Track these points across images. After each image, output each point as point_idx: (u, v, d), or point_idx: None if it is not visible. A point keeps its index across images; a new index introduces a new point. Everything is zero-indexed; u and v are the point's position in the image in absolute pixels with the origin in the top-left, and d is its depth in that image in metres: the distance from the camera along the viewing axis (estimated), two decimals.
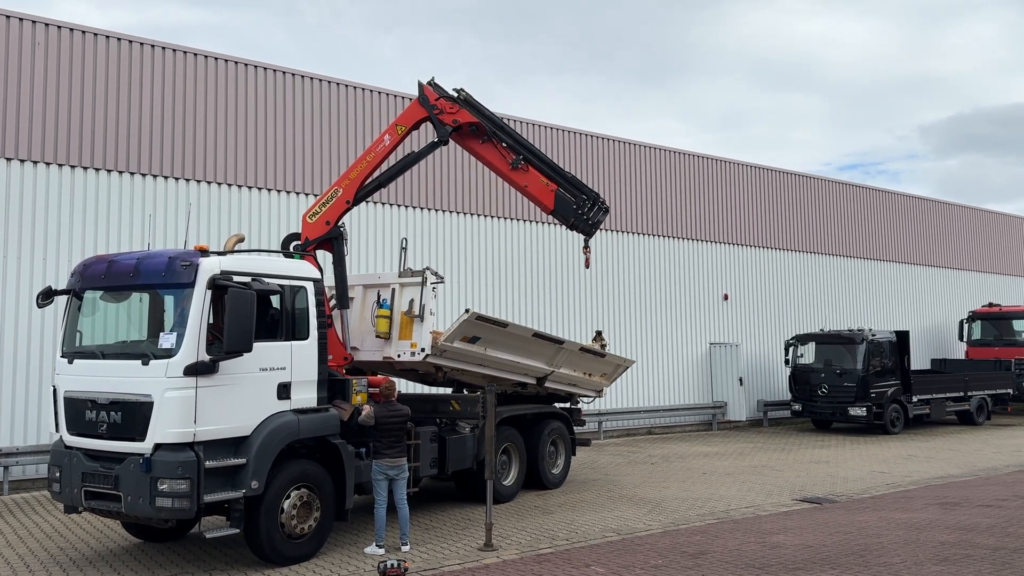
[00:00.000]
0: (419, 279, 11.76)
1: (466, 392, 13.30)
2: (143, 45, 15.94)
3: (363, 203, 13.69)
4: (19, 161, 14.55)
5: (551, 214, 13.34)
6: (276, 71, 17.45)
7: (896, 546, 9.89)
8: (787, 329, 26.15)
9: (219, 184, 16.50)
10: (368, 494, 10.20)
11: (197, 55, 16.51)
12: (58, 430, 9.33)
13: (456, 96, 12.77)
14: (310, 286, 9.84)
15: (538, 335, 13.57)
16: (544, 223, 20.65)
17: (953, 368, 27.64)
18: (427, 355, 11.57)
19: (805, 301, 27.46)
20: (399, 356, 11.71)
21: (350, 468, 9.85)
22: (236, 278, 8.83)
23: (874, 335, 23.23)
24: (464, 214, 19.84)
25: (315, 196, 16.61)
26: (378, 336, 11.76)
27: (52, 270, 14.49)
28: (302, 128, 17.63)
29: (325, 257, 11.86)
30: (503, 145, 12.88)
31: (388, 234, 18.45)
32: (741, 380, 23.89)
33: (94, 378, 8.96)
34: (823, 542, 10.14)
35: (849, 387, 22.64)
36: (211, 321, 8.81)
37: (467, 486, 12.83)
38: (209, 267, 8.78)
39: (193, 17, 77.74)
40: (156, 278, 9.02)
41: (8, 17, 14.60)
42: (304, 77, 17.80)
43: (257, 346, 8.80)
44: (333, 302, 11.63)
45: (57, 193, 14.81)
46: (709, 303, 24.77)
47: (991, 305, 30.44)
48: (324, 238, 11.78)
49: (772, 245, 26.71)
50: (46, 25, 14.91)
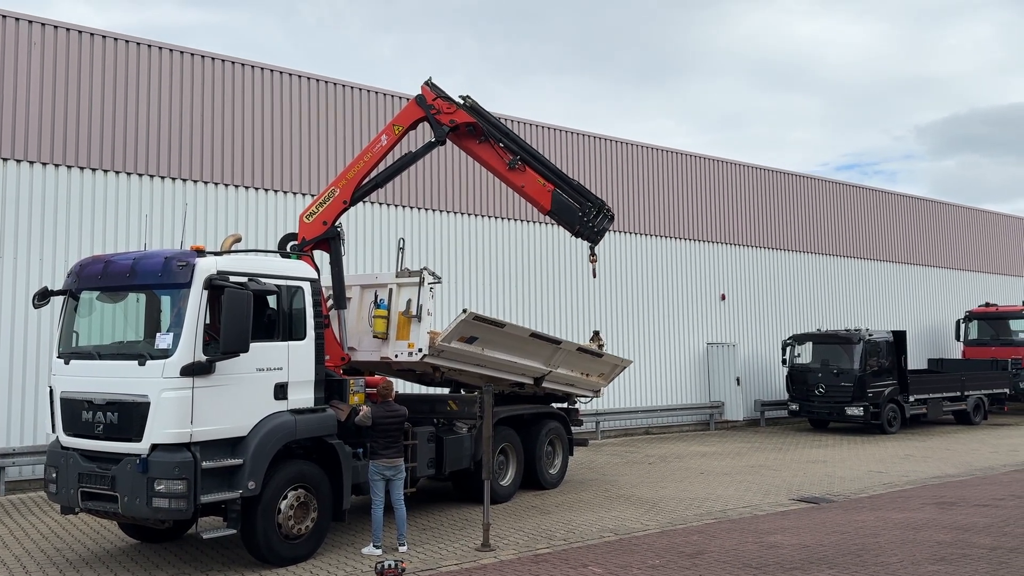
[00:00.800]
0: (416, 279, 11.75)
1: (463, 392, 13.28)
2: (140, 45, 15.92)
3: (360, 203, 13.67)
4: (15, 161, 14.52)
5: (549, 215, 13.33)
6: (273, 71, 17.43)
7: (893, 546, 9.89)
8: (784, 329, 26.17)
9: (216, 184, 16.48)
10: (365, 494, 10.18)
11: (194, 55, 16.49)
12: (54, 431, 9.31)
13: (462, 103, 12.79)
14: (307, 286, 9.82)
15: (535, 335, 13.57)
16: (542, 223, 20.64)
17: (950, 368, 27.68)
18: (424, 355, 11.56)
19: (802, 301, 27.49)
20: (396, 356, 11.70)
21: (347, 468, 9.84)
22: (233, 278, 8.81)
23: (871, 335, 23.26)
24: (462, 214, 19.83)
25: (312, 196, 16.59)
26: (375, 336, 11.75)
27: (48, 270, 14.46)
28: (299, 128, 17.61)
29: (322, 257, 11.84)
30: (500, 145, 12.87)
31: (385, 234, 18.43)
32: (738, 380, 23.91)
33: (90, 379, 8.95)
34: (820, 542, 10.15)
35: (846, 387, 22.67)
36: (208, 321, 8.80)
37: (464, 486, 12.82)
38: (206, 267, 8.77)
39: (191, 18, 77.70)
40: (152, 278, 9.01)
41: (4, 17, 14.56)
42: (301, 77, 17.78)
43: (254, 346, 8.79)
44: (330, 302, 11.63)
45: (54, 193, 14.79)
46: (706, 303, 24.79)
47: (988, 305, 30.49)
48: (321, 238, 11.77)
49: (769, 245, 26.73)
50: (42, 25, 14.88)
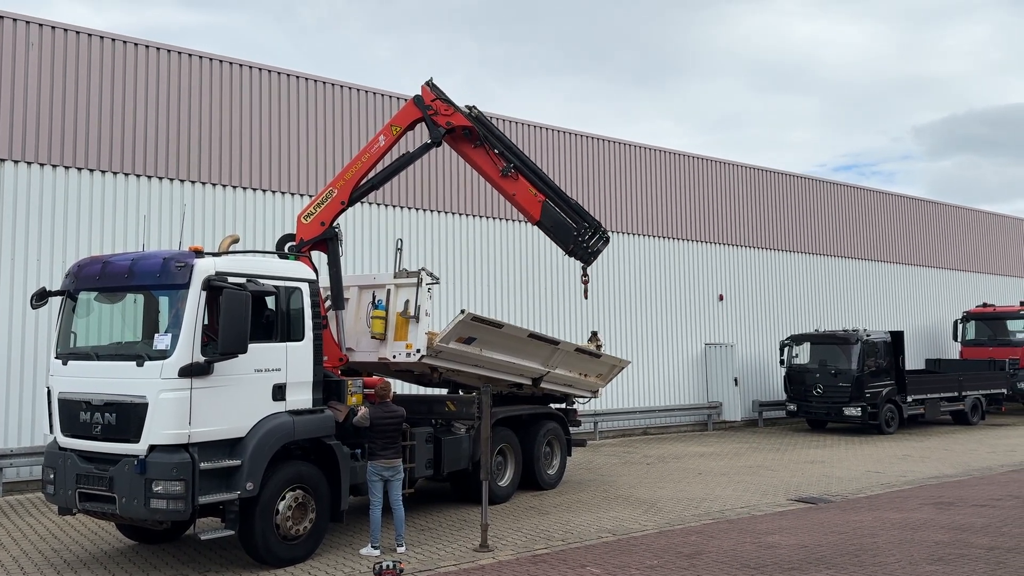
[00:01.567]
0: (414, 280, 11.75)
1: (462, 393, 13.29)
2: (137, 46, 15.91)
3: (358, 204, 13.68)
4: (13, 162, 14.50)
5: (539, 226, 13.28)
6: (271, 71, 17.43)
7: (891, 546, 9.90)
8: (782, 329, 26.19)
9: (214, 185, 16.47)
10: (363, 495, 10.18)
11: (192, 56, 16.49)
12: (52, 432, 9.30)
13: (468, 112, 12.81)
14: (305, 287, 9.82)
15: (534, 336, 13.57)
16: None
17: (948, 368, 27.72)
18: (422, 356, 11.56)
19: (800, 301, 27.51)
20: (394, 357, 11.69)
21: (345, 469, 9.83)
22: (231, 279, 8.81)
23: (869, 335, 23.28)
24: (460, 215, 19.84)
25: (310, 197, 16.59)
26: (373, 337, 11.75)
27: (46, 271, 14.45)
28: (297, 129, 17.61)
29: (320, 258, 11.84)
30: (495, 152, 12.89)
31: (383, 235, 18.43)
32: (736, 380, 23.92)
33: (88, 379, 8.94)
34: (818, 542, 10.15)
35: (844, 387, 22.69)
36: (206, 322, 8.79)
37: (463, 487, 12.81)
38: (204, 268, 8.77)
39: (190, 19, 77.69)
40: (151, 279, 9.00)
41: (2, 18, 14.55)
42: (299, 78, 17.78)
43: (252, 347, 8.78)
44: (328, 303, 11.62)
45: (51, 194, 14.77)
46: (704, 303, 24.80)
47: (985, 305, 30.54)
48: (319, 239, 11.76)
49: (767, 246, 26.75)
50: (40, 26, 14.87)
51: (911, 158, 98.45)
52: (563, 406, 15.01)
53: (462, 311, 12.31)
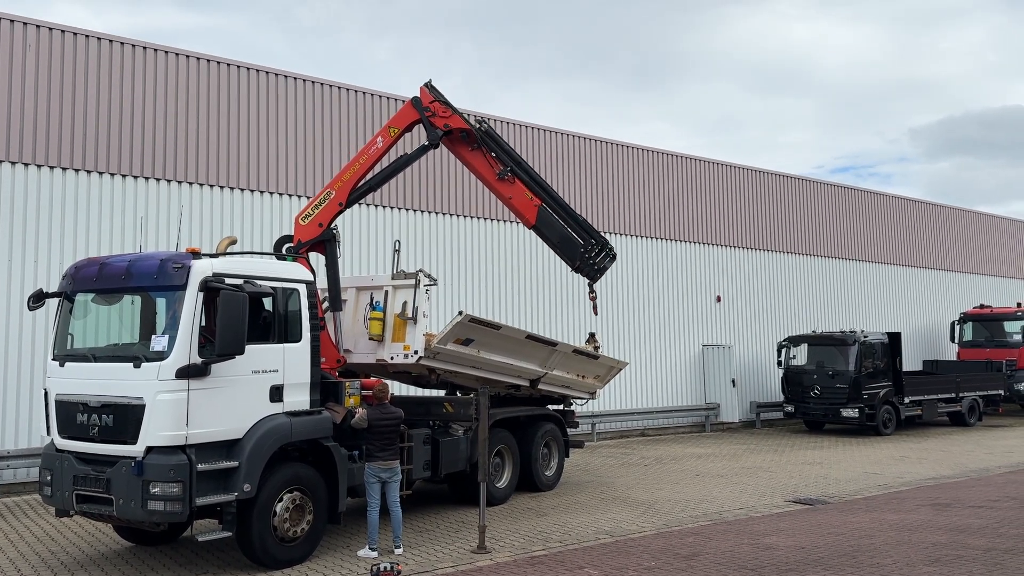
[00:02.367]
0: (412, 281, 11.74)
1: (459, 394, 13.27)
2: (135, 47, 15.90)
3: (356, 205, 13.67)
4: (10, 163, 14.48)
5: (534, 230, 13.26)
6: (268, 73, 17.42)
7: (888, 547, 9.91)
8: (779, 331, 26.20)
9: (211, 186, 16.46)
10: (361, 497, 10.18)
11: (188, 57, 16.48)
12: (49, 433, 9.29)
13: (479, 127, 12.86)
14: (303, 288, 9.82)
15: (531, 337, 13.57)
16: None
17: (945, 369, 27.75)
18: (420, 357, 11.55)
19: (797, 303, 27.53)
20: (392, 358, 11.69)
21: (343, 471, 9.83)
22: (228, 280, 8.80)
23: (866, 336, 23.30)
24: (457, 216, 19.84)
25: (308, 198, 16.59)
26: (371, 338, 11.74)
27: (43, 272, 14.43)
28: (294, 130, 17.61)
29: (318, 259, 11.83)
30: (492, 155, 12.90)
31: (381, 236, 18.43)
32: (734, 382, 23.93)
33: (85, 381, 8.93)
34: (816, 543, 10.16)
35: (841, 388, 22.70)
36: (203, 323, 8.79)
37: (460, 488, 12.81)
38: (201, 269, 8.76)
39: (189, 21, 77.69)
40: (148, 280, 8.99)
41: None
42: (296, 79, 17.78)
43: (249, 348, 8.78)
44: (326, 304, 11.61)
45: (48, 195, 14.75)
46: (702, 305, 24.81)
47: (982, 307, 30.57)
48: (317, 240, 11.74)
49: (764, 247, 26.77)
50: (37, 27, 14.86)
51: (908, 160, 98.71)
52: (561, 407, 15.01)
53: (460, 312, 12.31)
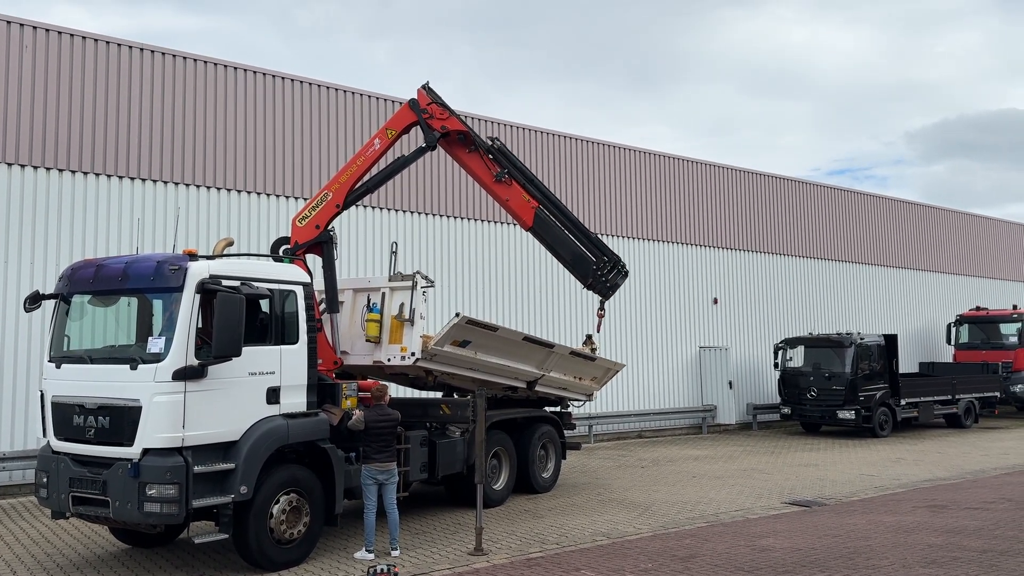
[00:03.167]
0: (409, 283, 11.74)
1: (456, 396, 13.28)
2: (132, 48, 15.89)
3: (353, 207, 13.67)
4: (6, 164, 14.46)
5: (530, 231, 13.28)
6: (265, 74, 17.42)
7: (884, 549, 9.93)
8: (776, 333, 26.23)
9: (208, 188, 16.45)
10: (358, 499, 10.18)
11: (186, 58, 16.47)
12: (45, 435, 9.27)
13: (490, 144, 12.88)
14: (300, 290, 9.82)
15: (528, 339, 13.57)
16: None
17: (941, 371, 27.78)
18: (417, 359, 11.55)
19: (794, 305, 27.57)
20: (389, 360, 11.69)
21: (340, 473, 9.82)
22: (225, 282, 8.80)
23: (863, 339, 23.33)
24: (454, 218, 19.84)
25: (305, 200, 16.58)
26: (368, 340, 11.74)
27: (40, 274, 14.41)
28: (291, 132, 17.60)
29: (315, 261, 11.83)
30: (489, 157, 12.91)
31: (378, 238, 18.42)
32: (731, 383, 23.95)
33: (82, 383, 8.92)
34: (812, 545, 10.17)
35: (838, 390, 22.72)
36: (200, 325, 8.78)
37: (457, 490, 12.81)
38: (198, 271, 8.76)
39: (187, 22, 77.68)
40: (145, 282, 8.98)
41: None
42: (294, 81, 17.77)
43: (246, 350, 8.78)
44: (323, 306, 11.60)
45: (45, 197, 14.73)
46: (699, 307, 24.83)
47: (978, 309, 30.63)
48: (314, 242, 11.75)
49: (761, 249, 26.80)
50: (34, 28, 14.84)
51: (904, 163, 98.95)
52: (558, 409, 15.02)
53: (457, 314, 12.31)
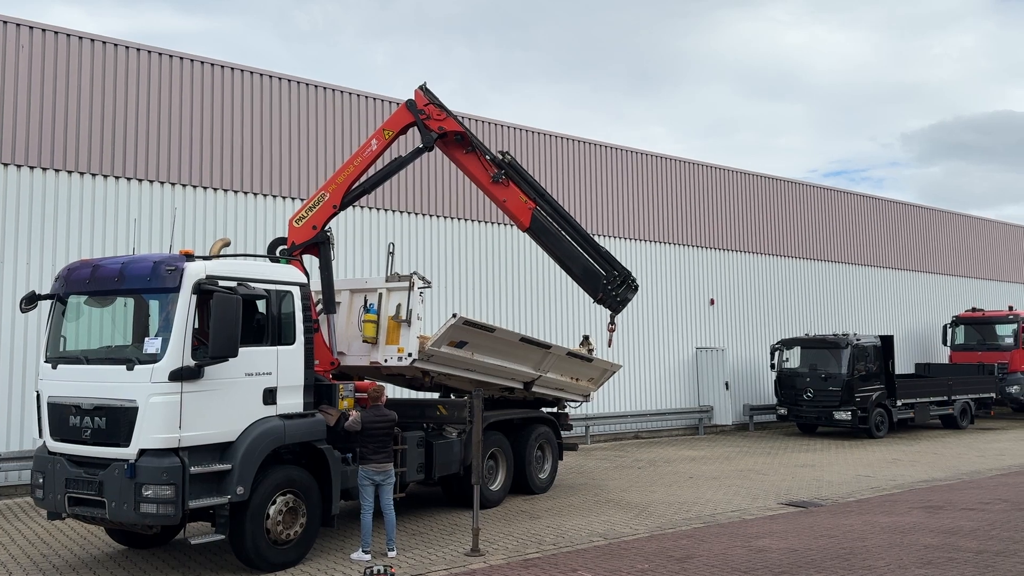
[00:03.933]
0: (406, 284, 11.74)
1: (453, 397, 13.28)
2: (128, 49, 15.86)
3: (350, 208, 13.66)
4: (2, 165, 14.43)
5: (527, 231, 13.28)
6: (263, 75, 17.40)
7: (880, 549, 9.94)
8: (773, 334, 26.26)
9: (205, 188, 16.43)
10: (354, 500, 10.17)
11: (182, 59, 16.45)
12: (41, 436, 9.25)
13: (500, 158, 12.92)
14: (296, 291, 9.81)
15: (525, 340, 13.57)
16: None
17: (937, 372, 27.82)
18: (414, 360, 11.55)
19: (791, 306, 27.59)
20: (386, 361, 11.68)
21: (336, 474, 9.81)
22: (222, 283, 8.79)
23: (859, 340, 23.35)
24: (451, 219, 19.83)
25: (302, 201, 16.57)
26: (365, 341, 11.73)
27: (36, 275, 14.38)
28: (288, 132, 17.59)
29: (312, 262, 11.83)
30: (487, 158, 12.91)
31: (375, 239, 18.42)
32: (727, 384, 23.97)
33: (78, 383, 8.90)
34: (808, 546, 10.18)
35: (834, 391, 22.75)
36: (196, 326, 8.77)
37: (454, 491, 12.81)
38: (194, 271, 8.74)
39: (186, 24, 77.61)
40: (141, 283, 8.97)
41: None
42: (291, 81, 17.76)
43: (243, 351, 8.77)
44: (320, 307, 11.61)
45: (41, 197, 14.71)
46: (695, 308, 24.85)
47: (974, 310, 30.67)
48: (311, 243, 11.75)
49: (758, 250, 26.83)
50: (30, 28, 14.82)
51: (900, 164, 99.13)
52: (555, 410, 15.02)
53: (454, 315, 12.31)
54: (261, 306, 9.50)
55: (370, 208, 18.34)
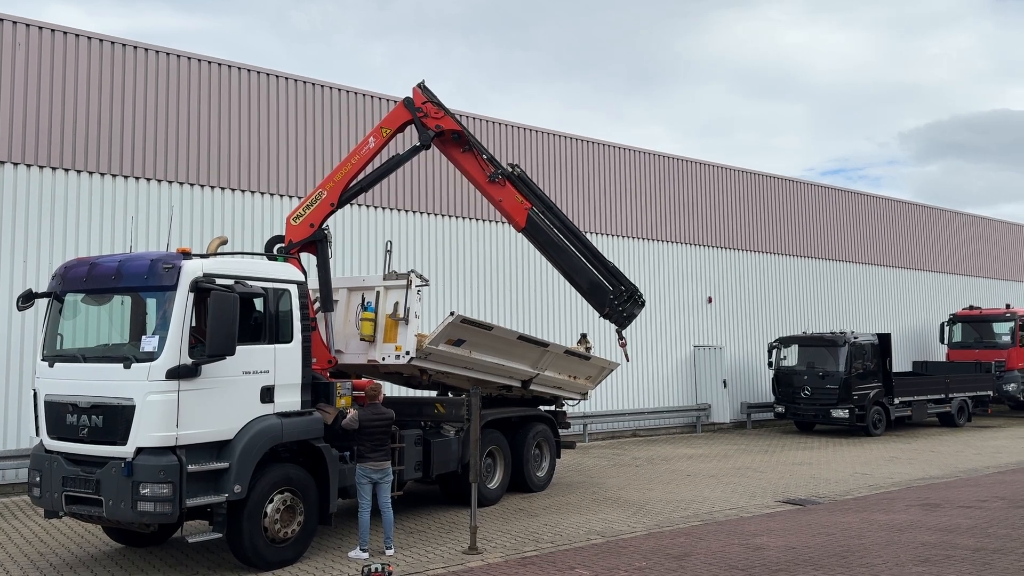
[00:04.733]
0: (404, 282, 11.73)
1: (451, 395, 13.27)
2: (125, 47, 15.83)
3: (347, 206, 13.65)
4: None
5: (523, 233, 13.27)
6: (260, 73, 17.37)
7: (878, 547, 9.95)
8: (770, 332, 26.27)
9: (202, 186, 16.41)
10: (352, 498, 10.16)
11: (180, 57, 16.42)
12: (38, 434, 9.24)
13: (510, 171, 12.95)
14: (294, 289, 9.80)
15: (523, 338, 13.57)
16: None
17: (934, 370, 27.86)
18: (412, 358, 11.54)
19: (788, 304, 27.61)
20: (384, 359, 11.67)
21: (334, 472, 9.81)
22: (219, 281, 8.78)
23: (856, 338, 23.38)
24: (449, 217, 19.82)
25: (299, 199, 16.54)
26: (362, 339, 11.72)
27: (33, 273, 14.36)
28: (286, 130, 17.56)
29: (309, 260, 11.81)
30: (484, 157, 12.91)
31: (373, 237, 18.40)
32: (725, 382, 23.98)
33: (75, 381, 8.88)
34: (806, 543, 10.19)
35: (831, 389, 22.77)
36: (194, 324, 8.75)
37: (452, 489, 12.81)
38: (192, 270, 8.73)
39: (185, 23, 77.49)
40: (138, 281, 8.96)
41: None
42: (288, 79, 17.73)
43: (240, 349, 8.75)
44: (317, 305, 11.59)
45: (38, 195, 14.68)
46: (693, 306, 24.86)
47: (972, 308, 30.72)
48: (308, 240, 11.74)
49: (756, 248, 26.84)
50: (27, 26, 14.78)
51: (897, 163, 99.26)
52: (552, 408, 15.01)
53: (451, 313, 12.30)
54: (258, 304, 9.49)
55: (368, 206, 18.32)
